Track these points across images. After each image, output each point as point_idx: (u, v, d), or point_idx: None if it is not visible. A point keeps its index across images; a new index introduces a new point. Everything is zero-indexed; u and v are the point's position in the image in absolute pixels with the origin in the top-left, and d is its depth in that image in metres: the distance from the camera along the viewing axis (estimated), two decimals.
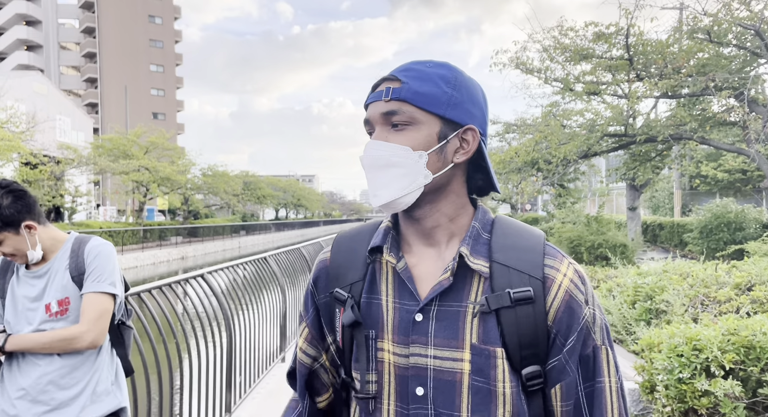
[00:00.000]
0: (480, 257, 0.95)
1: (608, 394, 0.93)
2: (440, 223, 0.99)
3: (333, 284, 1.04)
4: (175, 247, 30.27)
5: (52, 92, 34.94)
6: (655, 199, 29.77)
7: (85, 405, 2.03)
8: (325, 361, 1.09)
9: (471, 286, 0.94)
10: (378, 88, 0.98)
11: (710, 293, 4.51)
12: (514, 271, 0.93)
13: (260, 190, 50.56)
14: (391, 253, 0.99)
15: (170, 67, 63.65)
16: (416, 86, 0.95)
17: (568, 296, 0.93)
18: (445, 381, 0.93)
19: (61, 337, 1.97)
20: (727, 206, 12.60)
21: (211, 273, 4.33)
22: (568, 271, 0.95)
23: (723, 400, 2.99)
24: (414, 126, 0.95)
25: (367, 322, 0.98)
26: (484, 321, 0.92)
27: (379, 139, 0.96)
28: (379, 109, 0.96)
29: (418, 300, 0.95)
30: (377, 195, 0.96)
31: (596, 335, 0.94)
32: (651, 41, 11.35)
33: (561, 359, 0.92)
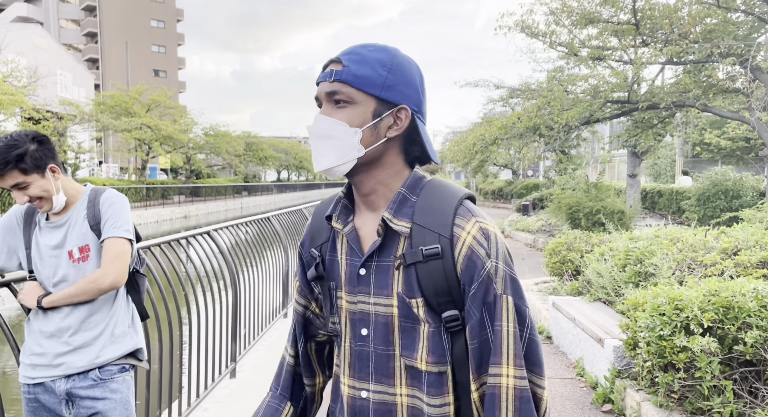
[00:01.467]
0: (404, 219, 1.10)
1: (504, 336, 1.04)
2: (376, 190, 1.14)
3: (309, 244, 1.25)
4: (178, 206, 30.49)
5: (52, 46, 34.53)
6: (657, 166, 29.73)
7: (105, 345, 2.20)
8: (315, 309, 1.29)
9: (398, 243, 1.11)
10: (326, 68, 1.11)
11: (697, 257, 4.67)
12: (427, 231, 1.08)
13: (262, 152, 50.46)
14: (338, 220, 1.17)
15: (171, 22, 62.55)
16: (355, 69, 1.08)
17: (470, 251, 1.06)
18: (381, 323, 1.11)
19: (88, 280, 2.13)
20: (726, 174, 12.67)
21: (217, 231, 4.48)
22: (472, 229, 1.08)
23: (699, 355, 3.18)
24: (352, 105, 1.09)
25: (330, 276, 1.19)
26: (406, 274, 1.09)
27: (323, 114, 1.10)
28: (324, 88, 1.10)
29: (361, 257, 1.13)
30: (317, 161, 1.11)
31: (497, 285, 1.06)
32: (659, 5, 11.20)
33: (468, 304, 1.07)
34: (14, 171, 2.04)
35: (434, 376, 1.08)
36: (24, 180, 2.06)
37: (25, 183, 2.07)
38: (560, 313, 5.38)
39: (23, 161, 2.04)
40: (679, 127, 15.12)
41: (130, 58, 53.63)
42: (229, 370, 4.30)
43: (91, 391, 2.18)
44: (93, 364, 2.18)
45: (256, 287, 5.20)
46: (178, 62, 63.80)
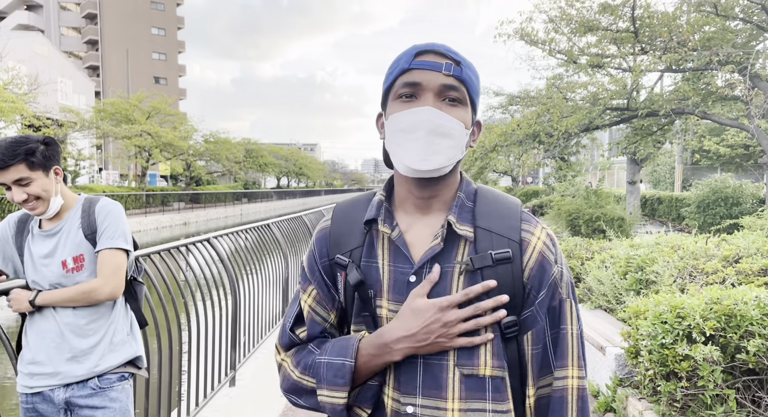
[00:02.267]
0: (466, 223, 1.07)
1: (569, 339, 1.07)
2: (440, 193, 1.10)
3: (334, 250, 1.15)
4: (178, 213, 30.47)
5: (53, 54, 34.62)
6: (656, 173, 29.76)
7: (104, 353, 2.19)
8: (333, 320, 1.18)
9: (458, 249, 1.07)
10: (424, 56, 1.05)
11: (699, 265, 4.65)
12: (495, 235, 1.06)
13: (262, 158, 50.50)
14: (385, 224, 1.10)
15: (172, 30, 62.78)
16: (470, 72, 1.07)
17: (541, 256, 1.07)
18: None
19: (83, 290, 2.13)
20: (726, 181, 12.67)
21: (217, 238, 4.47)
22: (541, 235, 1.09)
23: (702, 364, 3.16)
24: (463, 107, 1.06)
25: (367, 283, 1.10)
26: (468, 279, 1.05)
27: (437, 109, 1.03)
28: (440, 80, 1.04)
29: (412, 263, 1.07)
30: (428, 159, 1.03)
31: (562, 289, 1.08)
32: (657, 13, 11.24)
33: (533, 310, 1.06)
34: (22, 164, 2.04)
35: (498, 380, 1.05)
36: (28, 176, 2.06)
37: (29, 179, 2.06)
38: None
39: (33, 155, 2.05)
40: (679, 135, 15.16)
41: (131, 66, 53.78)
42: (228, 378, 4.28)
43: (90, 400, 2.16)
44: (92, 373, 2.17)
45: (256, 294, 5.18)
46: (178, 70, 63.96)
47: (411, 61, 1.05)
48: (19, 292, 2.14)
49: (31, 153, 2.05)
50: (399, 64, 1.07)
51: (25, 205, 2.11)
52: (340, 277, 1.14)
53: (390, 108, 1.09)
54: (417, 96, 1.05)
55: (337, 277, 1.16)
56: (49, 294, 2.13)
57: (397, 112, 1.06)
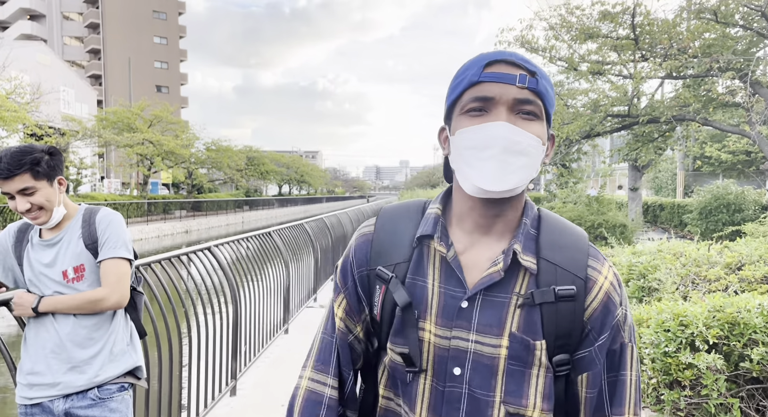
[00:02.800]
0: (529, 253, 0.99)
1: (629, 386, 1.02)
2: (506, 214, 1.01)
3: (375, 261, 1.06)
4: (180, 221, 30.48)
5: (55, 63, 34.79)
6: (658, 179, 29.73)
7: (104, 364, 2.18)
8: (359, 333, 1.10)
9: (517, 279, 0.99)
10: (495, 67, 0.96)
11: (701, 272, 4.63)
12: (560, 270, 0.99)
13: (264, 166, 50.57)
14: (441, 243, 1.01)
15: (174, 39, 63.10)
16: (546, 83, 0.98)
17: (606, 297, 1.00)
18: (483, 364, 0.98)
19: (89, 299, 2.12)
20: (728, 188, 12.66)
21: (218, 246, 4.47)
22: (608, 274, 1.02)
23: (705, 372, 3.14)
24: (539, 121, 0.97)
25: (412, 303, 1.01)
26: (526, 313, 0.97)
27: (512, 124, 0.94)
28: (513, 93, 0.95)
29: (466, 288, 0.99)
30: (504, 180, 0.94)
31: (625, 333, 1.02)
32: (657, 21, 11.28)
33: (592, 352, 1.00)
34: (26, 174, 2.04)
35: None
36: (33, 185, 2.06)
37: (33, 189, 2.07)
38: None
39: (39, 165, 2.06)
40: (680, 141, 15.16)
41: (133, 75, 54.01)
42: (229, 387, 4.26)
43: (89, 411, 2.15)
44: (92, 383, 2.16)
45: (257, 303, 5.17)
46: (180, 78, 64.22)
47: (480, 73, 0.96)
48: (23, 296, 2.13)
49: (36, 163, 2.06)
50: (467, 76, 0.98)
51: (27, 215, 2.11)
52: (379, 290, 1.05)
53: (456, 122, 1.00)
54: (488, 110, 0.96)
55: (375, 290, 1.06)
56: (53, 300, 2.12)
57: (466, 127, 0.97)
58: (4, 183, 2.04)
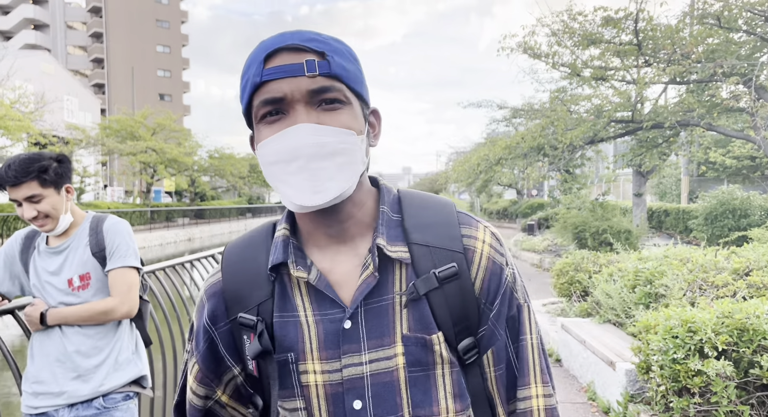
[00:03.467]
0: (397, 243, 0.88)
1: (530, 350, 0.91)
2: (352, 214, 0.89)
3: (234, 309, 0.91)
4: (183, 229, 30.51)
5: (59, 72, 35.00)
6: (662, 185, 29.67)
7: (109, 373, 2.17)
8: (220, 397, 0.96)
9: (393, 275, 0.87)
10: (276, 59, 0.81)
11: (708, 278, 4.60)
12: (435, 249, 0.88)
13: None
14: (299, 267, 0.87)
15: (176, 47, 63.46)
16: (341, 61, 0.83)
17: (490, 263, 0.90)
18: (382, 384, 0.85)
19: (99, 310, 2.12)
20: (733, 193, 12.61)
21: (222, 254, 4.45)
22: (485, 237, 0.91)
23: (715, 379, 3.10)
24: (347, 106, 0.83)
25: (283, 346, 0.87)
26: (413, 308, 0.86)
27: (313, 123, 0.81)
28: (305, 85, 0.80)
29: (344, 307, 0.86)
30: (323, 190, 0.81)
31: (518, 294, 0.92)
32: (660, 26, 11.28)
33: (489, 325, 0.89)
34: (34, 181, 2.05)
35: None
36: (40, 193, 2.06)
37: (40, 196, 2.07)
38: (570, 335, 5.30)
39: (46, 173, 2.06)
40: (684, 146, 15.13)
41: (136, 83, 54.27)
42: None
43: None
44: (97, 392, 2.15)
45: None
46: (183, 86, 64.53)
47: (262, 72, 0.81)
48: (31, 314, 2.11)
49: (44, 170, 2.06)
50: (249, 75, 0.83)
51: (34, 222, 2.11)
52: (248, 341, 0.89)
53: (257, 133, 0.85)
54: (284, 112, 0.82)
55: (244, 342, 0.90)
56: (59, 312, 2.11)
57: (265, 139, 0.82)
58: (12, 190, 2.05)
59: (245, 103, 0.86)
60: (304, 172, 0.80)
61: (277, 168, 0.82)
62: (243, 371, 0.94)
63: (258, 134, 0.85)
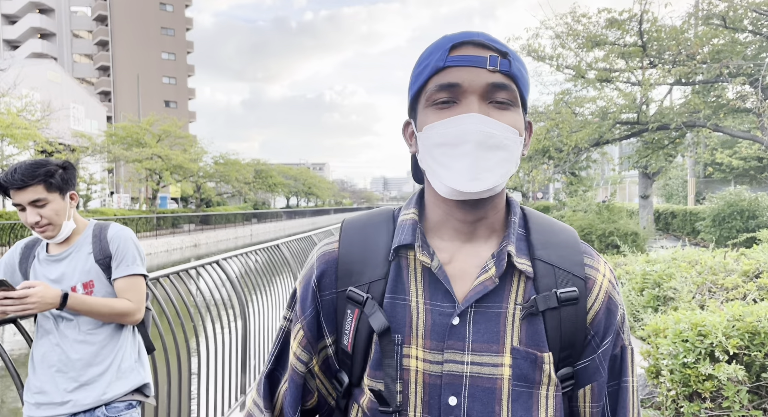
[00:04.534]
0: (522, 255, 0.88)
1: (631, 394, 0.92)
2: (488, 215, 0.90)
3: (345, 281, 0.92)
4: (188, 235, 30.57)
5: (65, 80, 35.21)
6: (668, 187, 29.51)
7: (111, 381, 2.14)
8: (314, 366, 0.96)
9: (512, 285, 0.87)
10: (462, 49, 0.84)
11: (718, 280, 4.54)
12: (558, 270, 0.88)
13: (271, 179, 50.76)
14: (424, 252, 0.88)
15: (181, 54, 63.79)
16: (519, 65, 0.86)
17: (607, 298, 0.90)
18: (482, 388, 0.84)
19: (118, 310, 2.13)
20: (741, 194, 12.51)
21: (226, 260, 4.44)
22: (606, 272, 0.92)
23: (726, 384, 3.05)
24: (515, 108, 0.86)
25: (392, 327, 0.87)
26: (528, 323, 0.86)
27: (484, 115, 0.83)
28: (484, 77, 0.83)
29: (456, 302, 0.86)
30: (481, 178, 0.82)
31: (624, 335, 0.92)
32: (665, 27, 11.23)
33: (595, 359, 0.89)
34: (40, 185, 2.04)
35: None
36: (45, 197, 2.05)
37: (45, 201, 2.06)
38: None
39: (53, 177, 2.06)
40: (690, 148, 15.04)
41: (142, 90, 54.57)
42: (238, 403, 4.20)
43: None
44: (99, 401, 2.12)
45: (266, 316, 5.13)
46: (188, 93, 64.84)
47: (446, 58, 0.84)
48: (44, 290, 1.96)
49: (50, 175, 2.06)
50: (430, 61, 0.85)
51: (36, 228, 2.09)
52: (351, 316, 0.90)
53: (422, 116, 0.88)
54: (457, 100, 0.84)
55: (346, 316, 0.91)
56: (81, 298, 2.07)
57: (433, 123, 0.85)
58: (17, 193, 2.04)
59: (418, 86, 0.87)
60: (467, 158, 0.82)
61: (441, 151, 0.84)
62: (334, 344, 0.94)
63: (423, 117, 0.87)
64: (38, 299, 1.95)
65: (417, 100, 0.89)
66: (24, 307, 1.94)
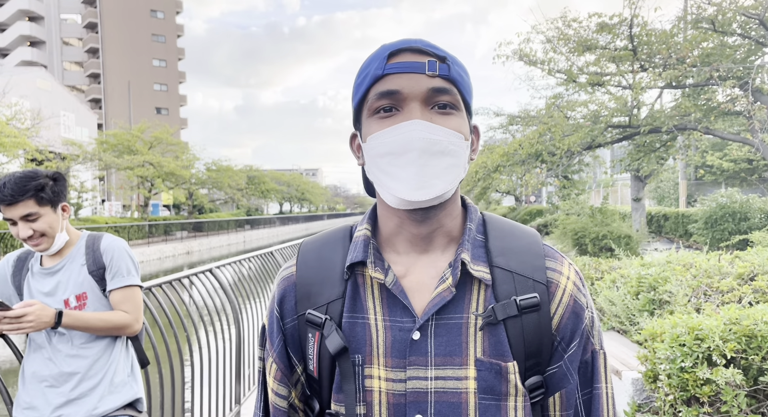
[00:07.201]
0: (479, 262, 0.87)
1: (605, 401, 0.89)
2: (442, 223, 0.88)
3: (303, 305, 0.90)
4: (181, 242, 30.41)
5: (55, 88, 35.02)
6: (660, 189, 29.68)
7: (103, 395, 2.10)
8: (294, 399, 0.94)
9: (471, 294, 0.85)
10: (400, 57, 0.84)
11: (713, 283, 4.54)
12: (518, 277, 0.86)
13: (264, 185, 50.66)
14: (377, 268, 0.87)
15: (173, 61, 63.65)
16: (459, 69, 0.86)
17: (572, 301, 0.88)
18: (448, 404, 0.83)
19: (115, 323, 2.09)
20: (732, 196, 12.59)
21: (219, 268, 4.39)
22: (570, 274, 0.89)
23: (724, 388, 3.04)
24: (458, 112, 0.85)
25: (351, 347, 0.86)
26: (489, 333, 0.84)
27: (427, 121, 0.82)
28: (423, 83, 0.82)
29: (415, 316, 0.84)
30: (429, 185, 0.81)
31: (594, 339, 0.89)
32: (655, 31, 11.30)
33: (562, 366, 0.87)
34: (31, 200, 2.01)
35: None
36: (37, 211, 2.02)
37: (36, 215, 2.03)
38: None
39: (43, 191, 2.03)
40: (681, 150, 15.13)
41: (133, 97, 54.36)
42: (233, 413, 4.15)
43: None
44: (91, 416, 2.07)
45: (260, 323, 5.08)
46: (179, 99, 64.66)
47: (384, 66, 0.83)
48: (41, 309, 1.94)
49: (41, 189, 2.03)
50: (369, 70, 0.85)
51: (29, 242, 2.06)
52: (313, 340, 0.88)
53: (366, 127, 0.87)
54: (399, 108, 0.83)
55: (308, 341, 0.89)
56: (76, 314, 2.03)
57: (377, 132, 0.84)
58: (8, 209, 2.00)
59: (360, 96, 0.87)
60: (413, 166, 0.81)
61: (386, 160, 0.83)
62: (304, 371, 0.92)
63: (367, 128, 0.87)
64: (35, 318, 1.93)
65: (360, 111, 0.89)
66: (20, 326, 1.92)
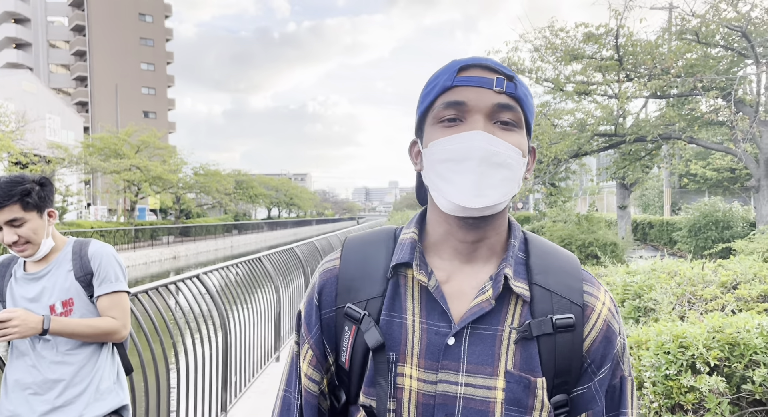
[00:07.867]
0: (520, 279, 0.89)
1: None
2: (489, 235, 0.91)
3: (343, 298, 0.93)
4: (167, 247, 30.16)
5: (41, 91, 34.68)
6: (645, 197, 29.99)
7: (89, 402, 2.08)
8: (324, 387, 0.96)
9: (508, 308, 0.88)
10: (469, 71, 0.87)
11: (697, 291, 4.60)
12: (556, 296, 0.89)
13: (252, 189, 50.46)
14: (421, 271, 0.90)
15: (161, 65, 63.33)
16: (524, 89, 0.89)
17: (606, 326, 0.90)
18: (475, 411, 0.85)
19: (102, 330, 2.07)
20: (716, 205, 12.76)
21: (206, 273, 4.37)
22: (606, 300, 0.92)
23: (708, 395, 3.07)
24: (519, 130, 0.89)
25: (387, 344, 0.88)
26: (522, 347, 0.86)
27: (489, 133, 0.85)
28: (491, 98, 0.86)
29: (452, 322, 0.87)
30: (484, 195, 0.84)
31: (624, 365, 0.92)
32: (640, 42, 11.47)
33: (591, 388, 0.90)
34: (16, 205, 1.99)
35: None
36: (22, 216, 2.00)
37: (22, 220, 2.01)
38: None
39: (29, 196, 2.01)
40: (666, 159, 15.32)
41: (120, 101, 54.00)
42: None
43: None
44: None
45: (247, 329, 5.06)
46: (167, 103, 64.29)
47: (454, 78, 0.87)
48: (26, 314, 1.93)
49: (27, 194, 2.01)
50: (438, 81, 0.89)
51: (14, 247, 2.04)
52: (349, 332, 0.91)
53: (429, 134, 0.90)
54: (463, 119, 0.87)
55: (344, 333, 0.92)
56: (63, 320, 2.01)
57: (439, 139, 0.87)
58: None
59: (426, 105, 0.91)
60: (471, 174, 0.84)
61: (446, 166, 0.86)
62: (335, 362, 0.95)
63: (430, 135, 0.90)
64: (20, 322, 1.91)
65: (424, 119, 0.92)
66: (5, 331, 1.90)
